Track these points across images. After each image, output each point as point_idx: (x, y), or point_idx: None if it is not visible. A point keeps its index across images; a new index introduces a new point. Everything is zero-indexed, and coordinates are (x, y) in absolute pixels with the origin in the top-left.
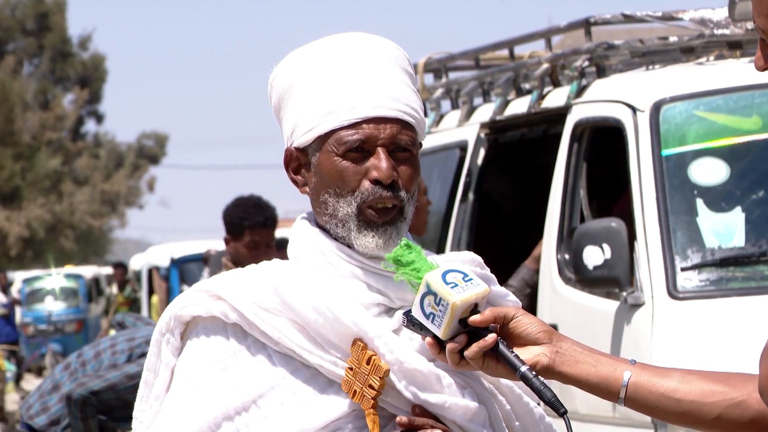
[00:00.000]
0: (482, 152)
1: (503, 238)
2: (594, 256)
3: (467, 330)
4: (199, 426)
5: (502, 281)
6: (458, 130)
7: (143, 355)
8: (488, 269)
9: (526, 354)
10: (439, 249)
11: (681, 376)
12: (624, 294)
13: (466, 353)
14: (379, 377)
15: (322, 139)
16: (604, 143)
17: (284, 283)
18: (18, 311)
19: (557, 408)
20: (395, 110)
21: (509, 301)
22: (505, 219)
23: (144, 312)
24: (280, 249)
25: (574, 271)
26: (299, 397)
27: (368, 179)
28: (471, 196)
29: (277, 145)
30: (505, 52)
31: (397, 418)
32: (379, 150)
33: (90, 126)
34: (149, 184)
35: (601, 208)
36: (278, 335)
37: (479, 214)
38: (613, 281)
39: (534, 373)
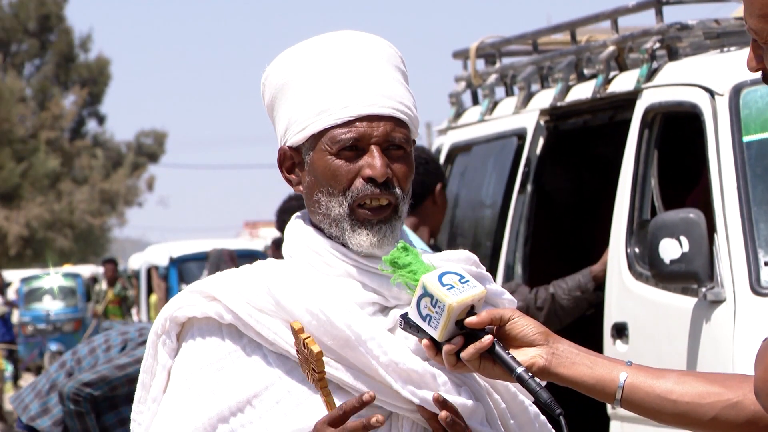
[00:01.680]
0: (541, 141)
1: (555, 233)
2: (671, 250)
3: (464, 332)
4: (194, 428)
5: (550, 279)
6: (515, 118)
7: (139, 345)
8: (483, 267)
9: (523, 355)
10: (496, 243)
11: (677, 377)
12: (703, 290)
13: (463, 355)
14: (316, 360)
15: (316, 138)
16: (672, 129)
17: (278, 284)
18: (15, 311)
19: (553, 409)
20: (388, 108)
21: (505, 299)
22: (560, 213)
23: (143, 311)
24: (278, 248)
25: (648, 265)
26: (294, 397)
27: (361, 177)
28: (529, 187)
29: (276, 145)
30: (559, 36)
31: (441, 414)
32: (373, 148)
33: (90, 126)
34: (148, 183)
35: (671, 200)
36: (273, 336)
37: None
38: (692, 276)
39: (530, 374)
